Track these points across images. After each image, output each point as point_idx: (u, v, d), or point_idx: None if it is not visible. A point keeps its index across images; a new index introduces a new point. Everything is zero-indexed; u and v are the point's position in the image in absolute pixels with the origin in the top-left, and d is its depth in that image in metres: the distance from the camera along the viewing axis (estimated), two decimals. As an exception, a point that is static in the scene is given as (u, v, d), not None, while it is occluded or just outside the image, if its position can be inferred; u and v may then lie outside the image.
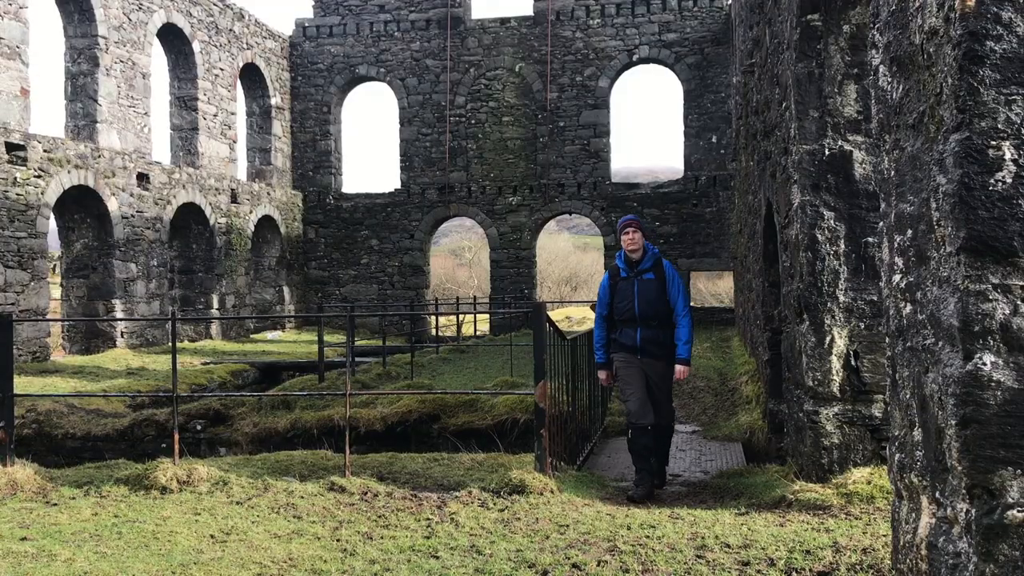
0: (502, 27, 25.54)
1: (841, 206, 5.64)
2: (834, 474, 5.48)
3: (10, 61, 15.81)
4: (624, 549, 4.26)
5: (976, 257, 1.80)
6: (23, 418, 10.45)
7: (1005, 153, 1.79)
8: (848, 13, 5.75)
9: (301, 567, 4.06)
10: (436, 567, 4.06)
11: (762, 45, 8.83)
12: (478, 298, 27.02)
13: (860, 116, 5.69)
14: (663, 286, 6.13)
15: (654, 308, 6.10)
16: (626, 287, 6.18)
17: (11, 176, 15.39)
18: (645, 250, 6.23)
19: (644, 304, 6.10)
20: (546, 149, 25.05)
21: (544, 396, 5.93)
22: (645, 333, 6.12)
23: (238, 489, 5.69)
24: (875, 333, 5.53)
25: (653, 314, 6.09)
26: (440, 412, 10.39)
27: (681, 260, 24.12)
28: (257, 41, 24.74)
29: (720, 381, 12.79)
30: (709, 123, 24.32)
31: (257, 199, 23.80)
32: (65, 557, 4.21)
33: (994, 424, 1.78)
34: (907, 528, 2.16)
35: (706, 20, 24.35)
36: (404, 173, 25.97)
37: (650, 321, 6.09)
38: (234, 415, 11.04)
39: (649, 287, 6.12)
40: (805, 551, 4.14)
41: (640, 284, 6.13)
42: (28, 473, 6.00)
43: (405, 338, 21.60)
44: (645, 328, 6.11)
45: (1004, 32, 1.79)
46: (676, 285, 6.15)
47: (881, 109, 2.32)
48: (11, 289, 15.29)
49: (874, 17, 2.37)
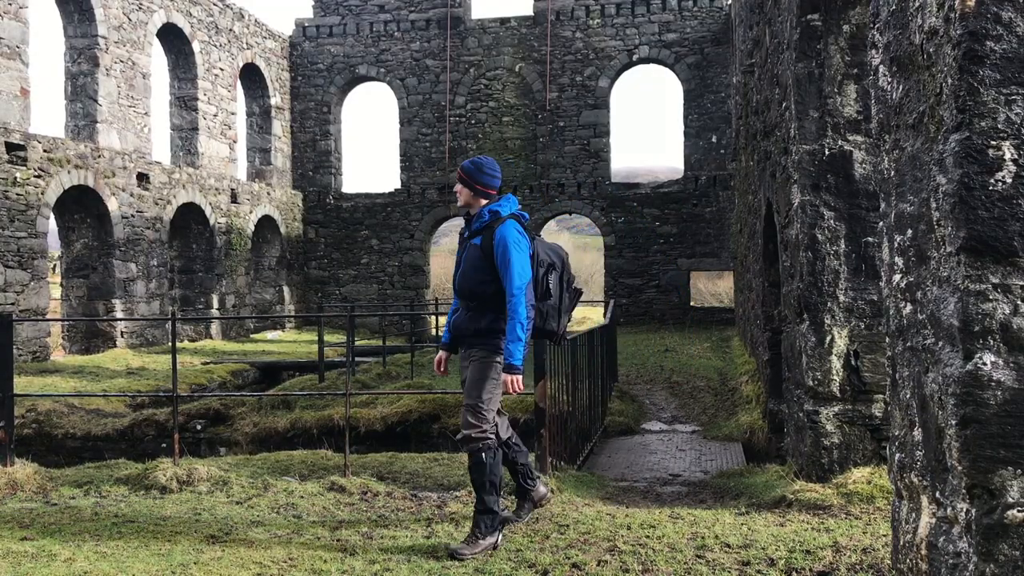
0: (502, 27, 25.54)
1: (841, 206, 5.65)
2: (834, 474, 5.49)
3: (10, 61, 15.81)
4: (624, 549, 4.26)
5: (976, 257, 1.80)
6: (23, 418, 10.45)
7: (1005, 153, 1.79)
8: (848, 13, 5.75)
9: (301, 567, 4.06)
10: (436, 567, 4.07)
11: (762, 45, 8.83)
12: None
13: (860, 116, 5.69)
14: (489, 256, 4.49)
15: (470, 284, 4.56)
16: (460, 253, 4.75)
17: (11, 176, 15.38)
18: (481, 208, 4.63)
19: (462, 278, 4.63)
20: (546, 149, 25.05)
21: (544, 396, 5.93)
22: (459, 317, 4.69)
23: (238, 489, 5.69)
24: (875, 333, 5.53)
25: (469, 292, 4.58)
26: (440, 412, 10.39)
27: (681, 260, 24.13)
28: (257, 41, 24.74)
29: (720, 381, 12.80)
30: (709, 123, 24.31)
31: (257, 199, 23.80)
32: (65, 557, 4.21)
33: (994, 424, 1.78)
34: (907, 528, 2.16)
35: (706, 20, 24.35)
36: (404, 173, 25.98)
37: (468, 302, 4.61)
38: (234, 415, 11.04)
39: (474, 256, 4.56)
40: (805, 551, 4.14)
41: (468, 251, 4.63)
42: (28, 473, 6.00)
43: (405, 338, 21.59)
44: (464, 310, 4.66)
45: (1004, 32, 1.79)
46: (502, 253, 4.40)
47: (881, 109, 2.32)
48: (11, 289, 15.29)
49: (874, 17, 2.37)
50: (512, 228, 4.47)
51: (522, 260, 4.40)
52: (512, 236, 4.43)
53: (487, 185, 4.62)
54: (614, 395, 11.07)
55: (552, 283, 4.61)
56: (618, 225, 24.55)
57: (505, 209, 4.55)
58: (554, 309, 4.64)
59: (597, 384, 9.19)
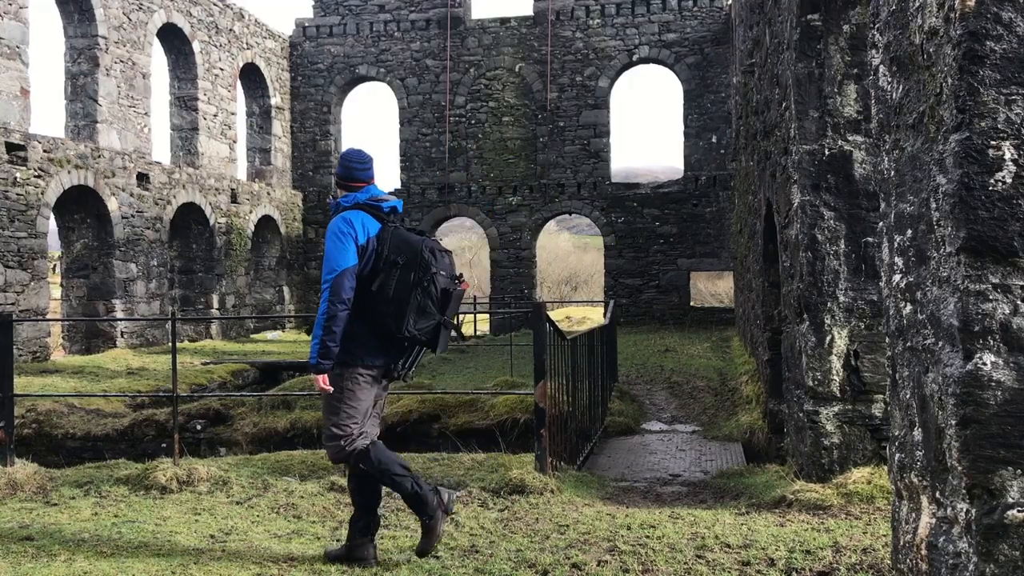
0: (502, 27, 25.54)
1: (841, 206, 5.65)
2: (834, 474, 5.49)
3: (10, 61, 15.81)
4: (624, 549, 4.26)
5: (976, 257, 1.80)
6: (23, 418, 10.45)
7: (1005, 153, 1.79)
8: (848, 13, 5.75)
9: (301, 567, 4.06)
10: (436, 567, 4.07)
11: (762, 45, 8.83)
12: (478, 298, 27.01)
13: (860, 116, 5.69)
14: None
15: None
16: None
17: (11, 176, 15.38)
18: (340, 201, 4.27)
19: None
20: (546, 149, 25.05)
21: (544, 396, 5.93)
22: None
23: (238, 489, 5.69)
24: (875, 333, 5.53)
25: None
26: (440, 412, 10.39)
27: (681, 260, 24.13)
28: (257, 41, 24.74)
29: (720, 381, 12.80)
30: (709, 123, 24.31)
31: (257, 199, 23.80)
32: (65, 557, 4.21)
33: (994, 424, 1.78)
34: (907, 528, 2.16)
35: (706, 20, 24.35)
36: (404, 173, 25.98)
37: None
38: (234, 415, 11.04)
39: None
40: (805, 551, 4.14)
41: None
42: (28, 473, 6.00)
43: (405, 338, 21.55)
44: None
45: (1004, 32, 1.79)
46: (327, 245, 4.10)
47: (881, 109, 2.32)
48: (11, 289, 15.29)
49: (874, 17, 2.37)
50: (339, 220, 4.08)
51: (338, 251, 4.00)
52: (333, 228, 4.07)
53: (349, 178, 4.26)
54: (614, 395, 11.07)
55: (390, 282, 3.99)
56: (618, 225, 24.55)
57: (347, 200, 4.18)
58: (394, 309, 3.98)
59: (597, 384, 9.20)
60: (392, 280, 4.00)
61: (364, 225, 4.08)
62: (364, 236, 4.06)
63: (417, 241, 4.09)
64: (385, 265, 4.03)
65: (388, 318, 4.00)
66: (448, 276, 4.13)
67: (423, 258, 4.04)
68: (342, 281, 3.97)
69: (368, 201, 4.16)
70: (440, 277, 4.08)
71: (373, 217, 4.13)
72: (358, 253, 4.03)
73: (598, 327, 10.18)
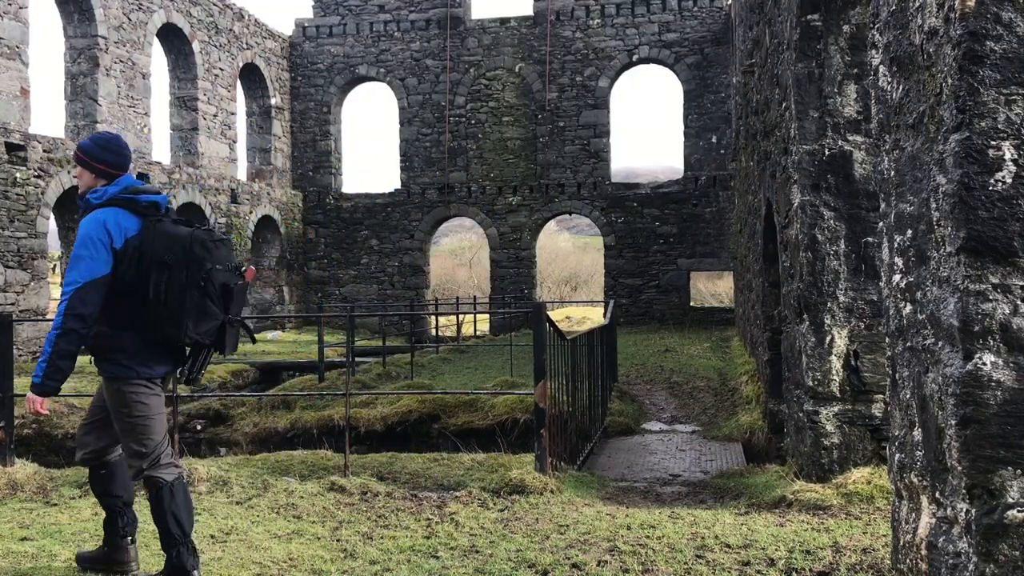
0: (502, 27, 25.54)
1: (841, 206, 5.65)
2: (834, 474, 5.49)
3: (10, 61, 15.81)
4: (624, 549, 4.26)
5: (976, 257, 1.80)
6: (23, 418, 10.44)
7: (1005, 153, 1.79)
8: (848, 13, 5.75)
9: (301, 567, 4.06)
10: (436, 567, 4.06)
11: (762, 45, 8.83)
12: (478, 298, 27.01)
13: (860, 116, 5.69)
14: None
15: None
16: None
17: (11, 176, 15.39)
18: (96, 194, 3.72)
19: None
20: (546, 149, 25.05)
21: (544, 396, 5.93)
22: None
23: (238, 489, 5.69)
24: (875, 333, 5.53)
25: None
26: (440, 412, 10.40)
27: (681, 260, 24.13)
28: (257, 41, 24.74)
29: (720, 381, 12.79)
30: (709, 123, 24.32)
31: (257, 199, 23.80)
32: (65, 557, 4.21)
33: (994, 424, 1.78)
34: (907, 528, 2.16)
35: (706, 20, 24.35)
36: (404, 173, 25.98)
37: None
38: (234, 415, 11.05)
39: None
40: (805, 551, 4.14)
41: None
42: (28, 473, 6.00)
43: (405, 338, 21.59)
44: None
45: (1004, 32, 1.79)
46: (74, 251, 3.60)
47: (881, 109, 2.32)
48: (11, 289, 15.29)
49: (874, 17, 2.37)
50: (89, 223, 3.56)
51: (85, 260, 3.50)
52: (83, 230, 3.55)
53: (111, 164, 3.71)
54: (614, 395, 11.07)
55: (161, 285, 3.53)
56: (618, 225, 24.55)
57: (97, 196, 3.63)
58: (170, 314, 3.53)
59: (597, 384, 9.20)
60: (162, 282, 3.53)
61: (120, 224, 3.56)
62: (121, 239, 3.54)
63: (185, 235, 3.59)
64: (152, 267, 3.53)
65: (166, 324, 3.55)
66: (227, 269, 3.66)
67: (194, 253, 3.56)
68: (84, 295, 3.46)
69: (121, 195, 3.63)
70: (217, 272, 3.60)
71: (130, 212, 3.61)
72: (116, 258, 3.52)
73: (598, 327, 10.17)
